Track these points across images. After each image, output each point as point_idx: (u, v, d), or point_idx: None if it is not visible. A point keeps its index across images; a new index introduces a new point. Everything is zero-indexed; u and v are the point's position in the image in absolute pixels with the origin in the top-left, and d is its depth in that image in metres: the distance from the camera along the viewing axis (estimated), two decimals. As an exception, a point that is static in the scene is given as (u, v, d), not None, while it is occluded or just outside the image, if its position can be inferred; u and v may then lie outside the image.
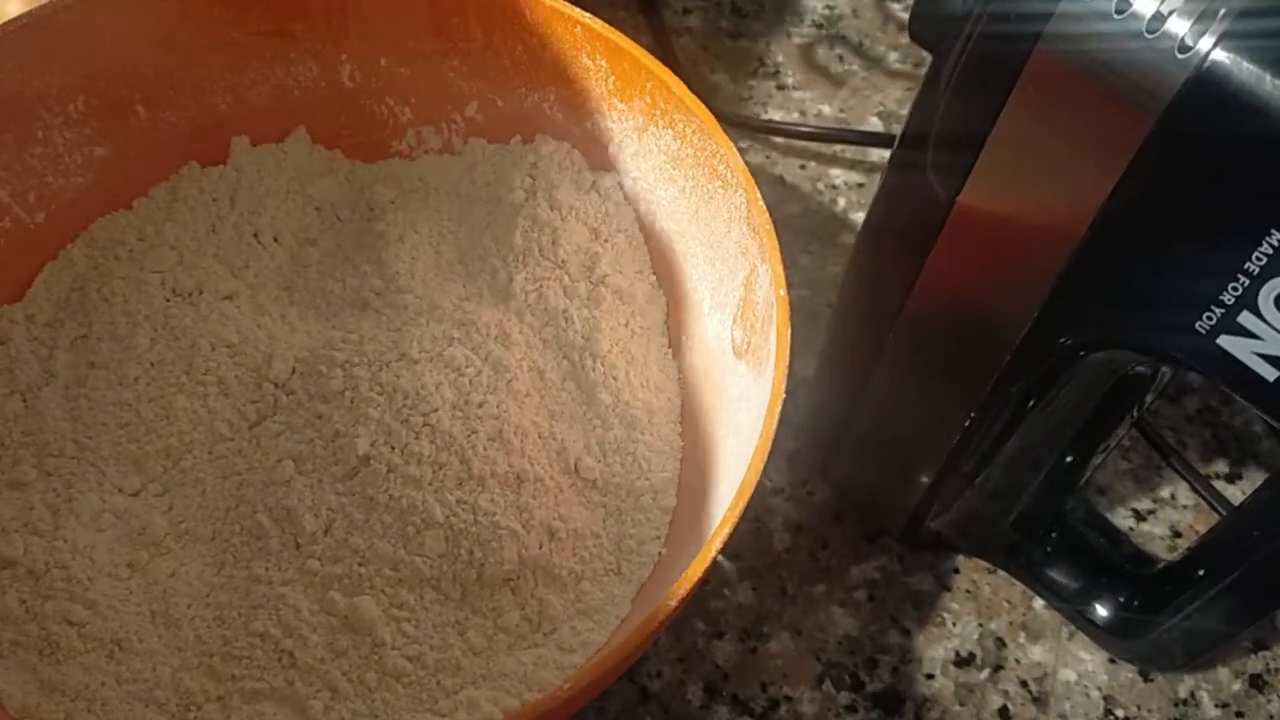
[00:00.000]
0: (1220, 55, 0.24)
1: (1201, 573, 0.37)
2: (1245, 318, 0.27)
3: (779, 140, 0.59)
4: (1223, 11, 0.24)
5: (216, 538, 0.39)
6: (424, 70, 0.48)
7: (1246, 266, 0.26)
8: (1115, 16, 0.26)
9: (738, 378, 0.39)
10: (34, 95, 0.42)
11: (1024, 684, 0.42)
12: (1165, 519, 0.47)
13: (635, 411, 0.43)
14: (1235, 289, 0.27)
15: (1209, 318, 0.28)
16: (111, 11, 0.43)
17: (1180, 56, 0.25)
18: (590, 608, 0.38)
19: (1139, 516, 0.47)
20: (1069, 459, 0.40)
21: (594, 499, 0.41)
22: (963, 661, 0.43)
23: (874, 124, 0.60)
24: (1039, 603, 0.44)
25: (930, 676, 0.42)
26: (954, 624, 0.43)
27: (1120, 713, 0.42)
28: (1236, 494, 0.47)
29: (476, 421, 0.40)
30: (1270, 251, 0.26)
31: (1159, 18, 0.25)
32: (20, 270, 0.43)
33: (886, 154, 0.53)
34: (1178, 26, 0.25)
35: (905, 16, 0.66)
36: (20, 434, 0.40)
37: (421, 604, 0.37)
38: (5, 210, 0.42)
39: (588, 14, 0.43)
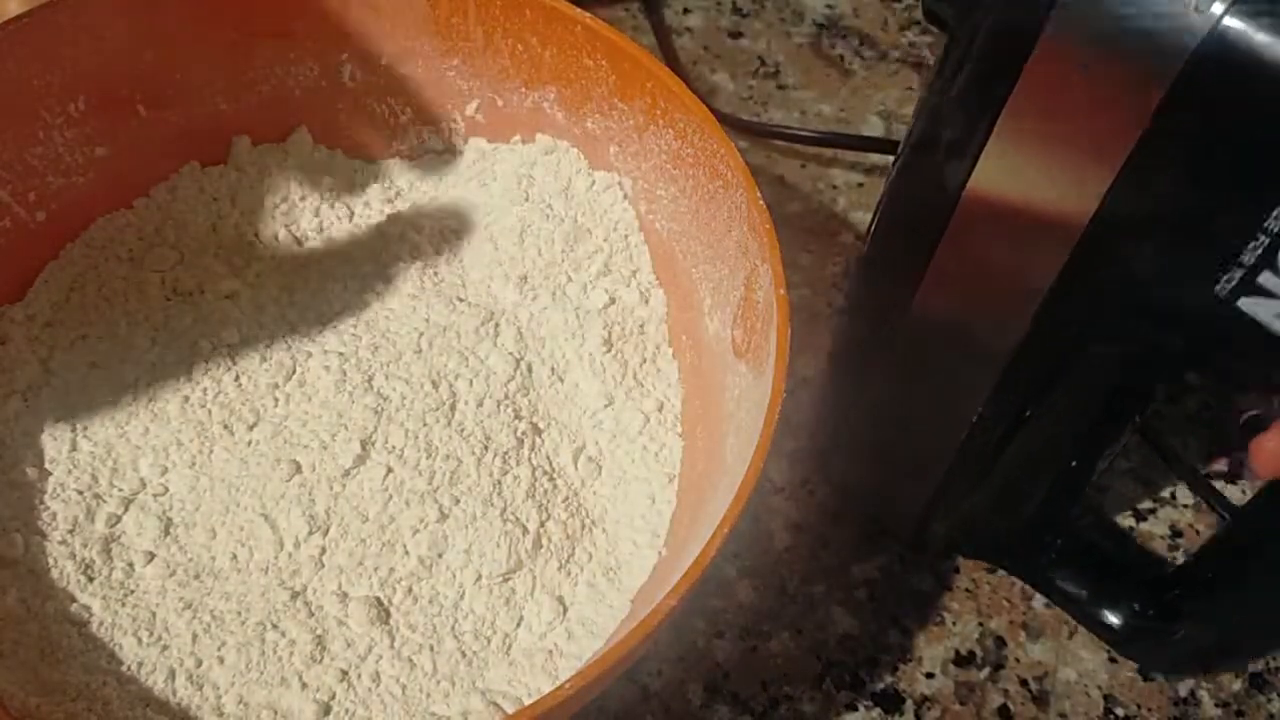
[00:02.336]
0: (1233, 20, 0.24)
1: (1211, 576, 0.37)
2: (1266, 278, 0.27)
3: (779, 140, 0.59)
4: None
5: (216, 537, 0.39)
6: (424, 70, 0.48)
7: (1266, 225, 0.26)
8: None
9: (738, 378, 0.39)
10: (34, 95, 0.42)
11: (1024, 683, 0.42)
12: (1165, 518, 0.47)
13: (635, 411, 0.43)
14: (1255, 248, 0.26)
15: (1229, 280, 0.27)
16: (111, 11, 0.43)
17: (1194, 18, 0.24)
18: (590, 607, 0.38)
19: (1139, 516, 0.47)
20: (1074, 463, 0.40)
21: (595, 498, 0.41)
22: (963, 660, 0.43)
23: (874, 124, 0.60)
24: (1039, 601, 0.44)
25: (930, 675, 0.42)
26: (954, 623, 0.43)
27: (1120, 712, 0.42)
28: (1236, 494, 0.48)
29: (479, 420, 0.41)
30: None
31: None
32: (20, 270, 0.43)
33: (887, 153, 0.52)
34: None
35: (906, 16, 0.66)
36: (20, 434, 0.40)
37: (422, 602, 0.37)
38: (5, 210, 0.42)
39: (588, 14, 0.43)
